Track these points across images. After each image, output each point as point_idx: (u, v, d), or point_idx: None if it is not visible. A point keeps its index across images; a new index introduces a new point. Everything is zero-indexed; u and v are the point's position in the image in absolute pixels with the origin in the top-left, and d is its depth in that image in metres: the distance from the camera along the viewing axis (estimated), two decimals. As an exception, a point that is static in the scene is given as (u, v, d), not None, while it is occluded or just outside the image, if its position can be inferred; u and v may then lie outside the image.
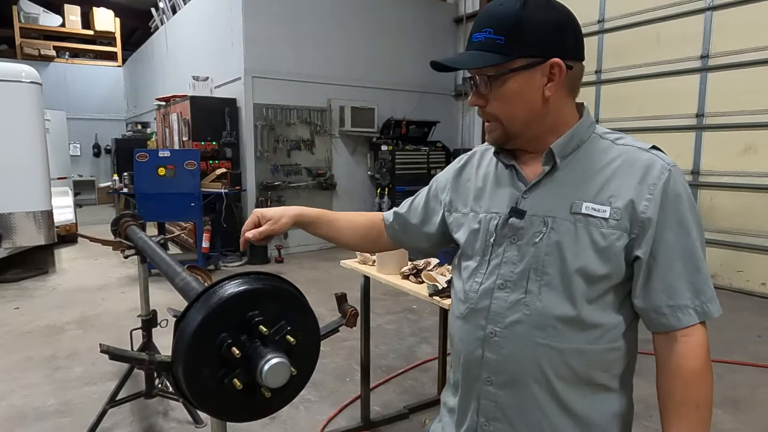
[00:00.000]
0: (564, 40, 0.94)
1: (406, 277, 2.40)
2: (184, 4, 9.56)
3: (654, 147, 0.97)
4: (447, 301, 2.10)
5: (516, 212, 0.99)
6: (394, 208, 1.32)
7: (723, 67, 5.32)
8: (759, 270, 5.19)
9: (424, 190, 1.26)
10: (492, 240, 1.02)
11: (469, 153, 1.20)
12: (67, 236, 7.47)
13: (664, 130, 5.78)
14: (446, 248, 1.25)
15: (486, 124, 1.02)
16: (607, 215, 0.92)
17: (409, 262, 2.45)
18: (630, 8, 6.05)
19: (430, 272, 2.30)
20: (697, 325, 0.92)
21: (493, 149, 1.09)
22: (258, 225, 1.09)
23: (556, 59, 0.93)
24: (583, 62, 1.00)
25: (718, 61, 5.36)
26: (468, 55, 0.95)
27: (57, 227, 6.44)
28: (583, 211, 0.93)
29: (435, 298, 2.15)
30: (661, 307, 0.92)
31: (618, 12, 6.19)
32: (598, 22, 6.36)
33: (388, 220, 1.30)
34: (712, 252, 5.38)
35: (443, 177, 1.21)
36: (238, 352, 0.94)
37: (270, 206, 5.99)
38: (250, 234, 1.03)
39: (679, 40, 5.62)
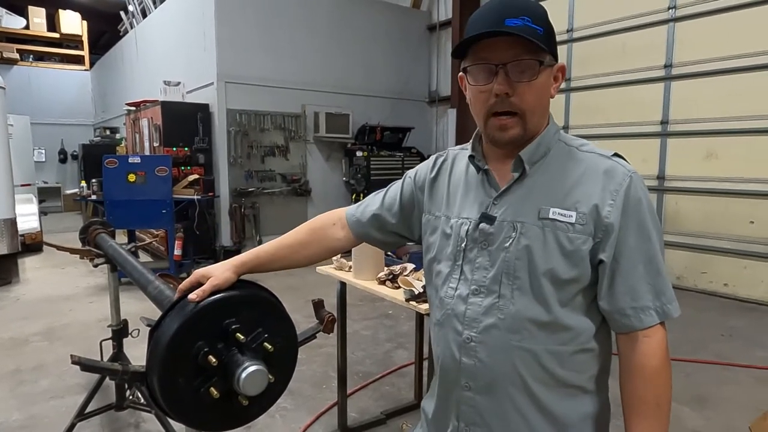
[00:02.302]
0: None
1: (382, 282, 2.41)
2: (155, 7, 9.41)
3: (616, 154, 1.00)
4: (423, 306, 2.11)
5: (486, 218, 1.00)
6: (362, 206, 1.25)
7: (685, 77, 5.53)
8: (722, 271, 5.39)
9: (395, 188, 1.23)
10: (463, 245, 1.03)
11: (442, 155, 1.19)
12: (32, 245, 7.24)
13: (630, 136, 5.96)
14: (418, 252, 1.23)
15: (503, 119, 0.96)
16: (573, 220, 0.94)
17: (386, 268, 2.46)
18: (597, 18, 6.24)
19: (406, 277, 2.32)
20: (658, 326, 0.96)
21: (467, 154, 1.09)
22: (200, 285, 1.03)
23: (563, 63, 1.00)
24: None
25: (681, 70, 5.56)
26: (521, 31, 0.91)
27: (21, 236, 6.22)
28: (551, 216, 0.95)
29: (411, 303, 2.16)
30: (624, 308, 0.95)
31: (586, 22, 6.37)
32: (567, 31, 6.53)
33: (353, 215, 1.23)
34: (677, 254, 5.56)
35: (420, 176, 1.19)
36: (214, 360, 0.94)
37: (244, 213, 5.86)
38: (193, 295, 0.98)
39: (644, 50, 5.82)
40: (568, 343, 0.97)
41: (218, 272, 1.05)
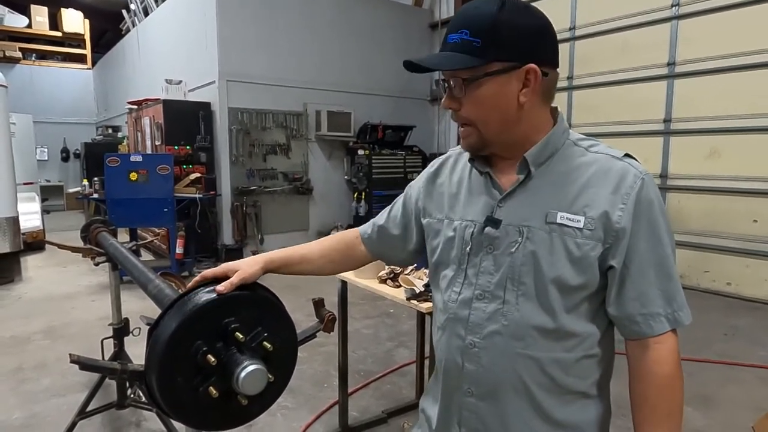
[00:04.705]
0: (540, 46, 0.93)
1: (383, 281, 2.40)
2: (157, 6, 9.42)
3: (627, 155, 0.95)
4: (424, 305, 2.11)
5: (491, 221, 0.97)
6: (372, 221, 1.27)
7: (689, 75, 5.50)
8: (724, 270, 5.36)
9: (399, 199, 1.24)
10: (468, 249, 1.00)
11: (443, 157, 1.18)
12: (34, 243, 7.25)
13: (633, 135, 5.94)
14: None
15: (460, 129, 0.99)
16: (581, 225, 0.91)
17: (387, 267, 2.46)
18: (600, 16, 6.21)
19: (407, 276, 2.31)
20: (669, 333, 0.93)
21: (468, 154, 1.06)
22: (227, 278, 1.03)
23: (532, 65, 0.90)
24: (557, 69, 0.98)
25: (684, 68, 5.54)
26: (443, 57, 0.93)
27: (23, 234, 6.24)
28: (558, 221, 0.92)
29: (412, 301, 2.16)
30: (634, 315, 0.92)
31: (588, 20, 6.34)
32: (570, 29, 6.50)
33: (366, 233, 1.26)
34: (680, 253, 5.50)
35: (417, 184, 1.19)
36: (213, 359, 0.93)
37: (246, 211, 5.86)
38: (221, 287, 0.98)
39: (646, 48, 5.79)
40: (572, 349, 0.95)
41: (246, 266, 1.06)
